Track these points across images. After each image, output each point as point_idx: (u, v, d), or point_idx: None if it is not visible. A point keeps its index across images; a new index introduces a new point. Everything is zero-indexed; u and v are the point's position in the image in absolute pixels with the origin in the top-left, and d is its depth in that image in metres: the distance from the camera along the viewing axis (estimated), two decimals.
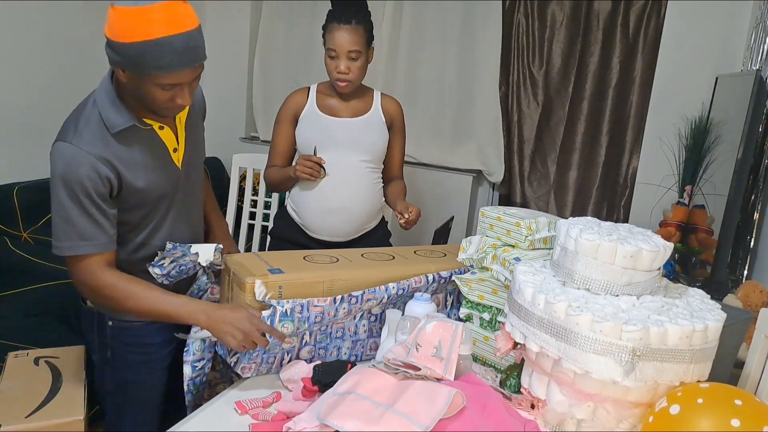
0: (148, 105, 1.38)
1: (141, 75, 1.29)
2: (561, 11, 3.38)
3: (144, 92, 1.33)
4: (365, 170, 2.12)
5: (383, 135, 2.14)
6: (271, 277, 1.44)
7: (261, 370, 1.47)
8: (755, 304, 2.02)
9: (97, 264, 1.39)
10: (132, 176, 1.41)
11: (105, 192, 1.36)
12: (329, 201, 2.09)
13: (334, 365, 1.38)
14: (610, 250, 1.20)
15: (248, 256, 1.60)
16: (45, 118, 2.81)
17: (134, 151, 1.41)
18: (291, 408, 1.31)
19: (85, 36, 2.94)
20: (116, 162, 1.37)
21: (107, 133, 1.37)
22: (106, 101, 1.38)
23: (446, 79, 3.58)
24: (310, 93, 2.13)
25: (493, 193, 3.73)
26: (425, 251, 1.80)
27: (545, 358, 1.23)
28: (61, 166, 1.33)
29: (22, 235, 2.52)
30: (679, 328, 1.11)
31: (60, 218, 1.36)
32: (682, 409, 1.03)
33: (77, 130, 1.35)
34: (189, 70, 1.32)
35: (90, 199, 1.34)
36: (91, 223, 1.36)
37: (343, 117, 2.10)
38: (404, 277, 1.59)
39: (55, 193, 1.35)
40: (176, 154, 1.52)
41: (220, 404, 1.35)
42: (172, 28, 1.25)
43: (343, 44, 1.97)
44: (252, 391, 1.40)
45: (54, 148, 1.36)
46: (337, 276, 1.52)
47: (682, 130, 3.05)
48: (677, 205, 2.94)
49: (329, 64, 2.01)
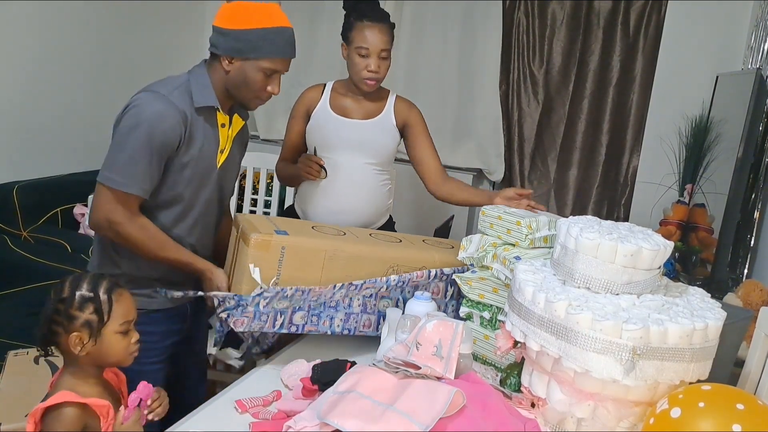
0: (243, 91, 1.55)
1: (248, 60, 1.50)
2: (561, 10, 3.38)
3: (245, 77, 1.52)
4: (371, 172, 2.11)
5: (392, 138, 2.12)
6: (276, 237, 1.48)
7: (253, 326, 1.49)
8: (755, 302, 2.02)
9: (133, 204, 1.48)
10: (194, 143, 1.53)
11: (173, 146, 1.49)
12: (335, 202, 2.09)
13: (332, 365, 1.38)
14: (610, 248, 1.20)
15: (258, 216, 1.66)
16: (45, 118, 2.82)
17: (200, 129, 1.55)
18: (291, 407, 1.31)
19: (85, 36, 2.94)
20: (191, 126, 1.52)
21: (192, 103, 1.52)
22: (199, 82, 1.55)
23: (446, 79, 3.58)
24: (325, 90, 2.11)
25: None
26: (433, 241, 1.82)
27: (545, 357, 1.23)
28: (149, 111, 1.45)
29: (22, 234, 2.51)
30: (679, 327, 1.11)
31: (124, 154, 1.45)
32: (683, 412, 1.03)
33: (170, 90, 1.50)
34: (288, 60, 1.56)
35: (161, 148, 1.47)
36: (148, 169, 1.46)
37: (354, 118, 2.09)
38: (408, 260, 1.62)
39: (130, 133, 1.45)
40: (221, 155, 1.63)
41: (220, 403, 1.35)
42: (284, 22, 1.52)
43: (377, 43, 1.94)
44: (252, 390, 1.40)
45: (142, 95, 1.48)
46: (340, 247, 1.55)
47: (682, 128, 3.05)
48: (677, 204, 2.94)
49: (358, 63, 1.97)
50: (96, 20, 2.97)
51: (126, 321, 1.29)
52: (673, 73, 3.11)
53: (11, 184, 2.54)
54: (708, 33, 3.02)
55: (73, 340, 1.22)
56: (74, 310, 1.23)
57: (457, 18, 3.49)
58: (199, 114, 1.54)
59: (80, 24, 2.90)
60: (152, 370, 1.64)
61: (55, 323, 1.23)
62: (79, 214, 2.69)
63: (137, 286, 1.58)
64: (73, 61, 2.91)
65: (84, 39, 2.93)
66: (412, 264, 1.65)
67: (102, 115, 3.03)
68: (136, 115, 1.45)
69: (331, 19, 3.67)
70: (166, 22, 3.46)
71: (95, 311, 1.24)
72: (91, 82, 3.02)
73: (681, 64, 3.09)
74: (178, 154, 1.51)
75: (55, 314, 1.23)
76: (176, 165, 1.53)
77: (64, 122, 2.92)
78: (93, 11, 2.93)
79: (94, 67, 3.03)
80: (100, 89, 3.06)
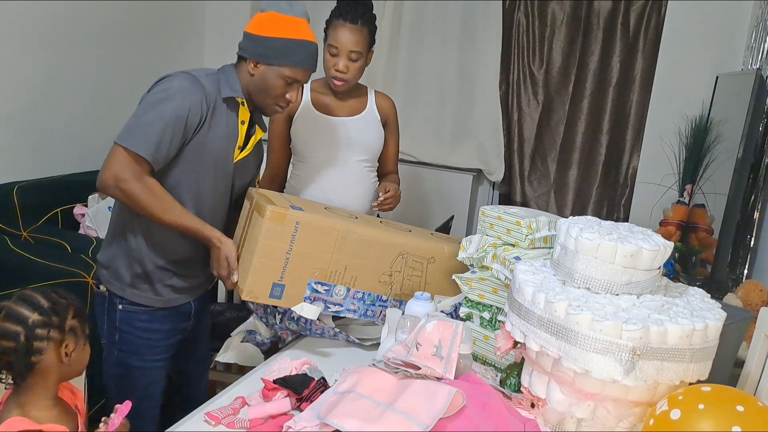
0: (263, 95, 1.63)
1: (272, 66, 1.59)
2: (561, 10, 3.38)
3: (266, 82, 1.61)
4: (363, 169, 2.11)
5: (379, 133, 2.13)
6: (291, 212, 1.50)
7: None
8: (755, 303, 2.02)
9: (143, 168, 1.49)
10: (213, 128, 1.58)
11: (194, 123, 1.53)
12: (328, 200, 2.09)
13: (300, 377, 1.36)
14: (610, 249, 1.20)
15: (273, 192, 1.70)
16: (45, 118, 2.82)
17: (223, 118, 1.61)
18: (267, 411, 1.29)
19: (85, 37, 2.93)
20: (214, 111, 1.58)
21: (219, 90, 1.60)
22: (228, 77, 1.63)
23: (446, 79, 3.58)
24: (303, 91, 2.11)
25: (493, 192, 3.72)
26: (440, 235, 1.84)
27: (545, 357, 1.23)
28: (177, 84, 1.52)
29: (22, 234, 2.51)
30: (679, 327, 1.11)
31: (143, 119, 1.49)
32: (683, 414, 1.03)
33: (201, 74, 1.58)
34: (309, 71, 1.64)
35: (183, 121, 1.51)
36: (163, 137, 1.49)
37: (339, 116, 2.09)
38: (418, 248, 1.66)
39: (156, 102, 1.50)
40: (238, 151, 1.66)
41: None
42: (309, 36, 1.61)
43: (346, 43, 1.95)
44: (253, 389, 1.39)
45: (174, 74, 1.55)
46: (353, 229, 1.58)
47: (682, 129, 3.05)
48: (677, 204, 2.94)
49: (328, 61, 2.00)
50: (97, 22, 2.97)
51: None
52: (673, 73, 3.11)
53: (11, 184, 2.54)
54: (708, 33, 3.02)
55: (63, 351, 1.19)
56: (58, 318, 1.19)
57: (456, 18, 3.49)
58: (226, 103, 1.60)
59: (81, 25, 2.90)
60: (155, 368, 1.67)
61: (39, 339, 1.17)
62: (79, 215, 2.69)
63: (144, 282, 1.60)
64: (74, 62, 2.91)
65: (84, 40, 2.93)
66: (421, 253, 1.67)
67: (102, 116, 3.04)
68: (163, 88, 1.51)
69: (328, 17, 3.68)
70: (167, 24, 3.45)
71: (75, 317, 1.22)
72: (92, 83, 3.02)
73: (681, 64, 3.09)
74: (199, 134, 1.55)
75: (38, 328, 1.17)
76: (196, 146, 1.56)
77: (64, 122, 2.91)
78: (94, 13, 2.93)
79: (95, 68, 3.03)
80: (101, 90, 3.06)
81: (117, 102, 3.04)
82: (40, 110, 2.79)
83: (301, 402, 1.29)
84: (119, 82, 3.11)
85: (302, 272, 1.54)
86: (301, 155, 2.11)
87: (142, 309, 1.63)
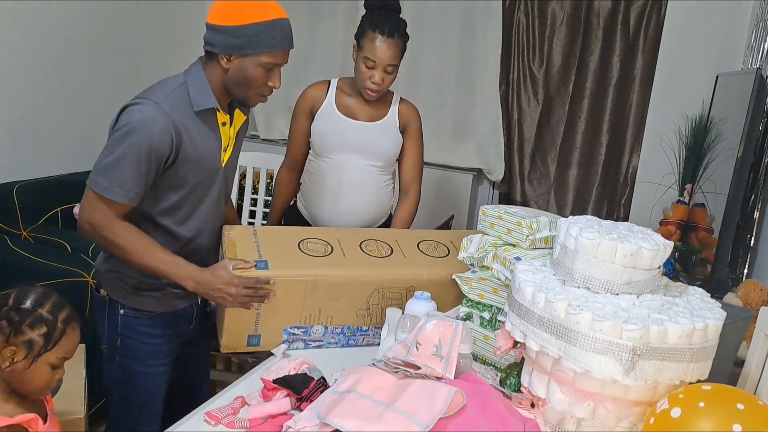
0: (244, 89, 1.52)
1: (247, 56, 1.46)
2: (561, 10, 3.37)
3: (245, 75, 1.49)
4: (375, 173, 2.12)
5: (396, 141, 2.13)
6: (254, 272, 1.50)
7: None
8: (755, 302, 2.02)
9: (117, 212, 1.45)
10: (191, 151, 1.50)
11: (164, 155, 1.46)
12: (339, 202, 2.10)
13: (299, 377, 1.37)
14: (610, 248, 1.20)
15: (245, 234, 1.64)
16: (45, 118, 2.82)
17: (202, 132, 1.53)
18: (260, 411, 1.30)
19: (85, 36, 2.93)
20: (185, 134, 1.48)
21: (190, 108, 1.50)
22: (196, 83, 1.51)
23: (446, 78, 3.58)
24: (329, 88, 2.10)
25: (493, 191, 3.72)
26: (430, 246, 1.78)
27: (545, 357, 1.23)
28: (138, 117, 1.42)
29: (22, 234, 2.51)
30: (679, 326, 1.11)
31: (111, 159, 1.43)
32: (683, 412, 1.03)
33: (163, 96, 1.47)
34: (287, 51, 1.52)
35: (149, 155, 1.43)
36: (134, 175, 1.43)
37: (360, 120, 2.08)
38: (394, 281, 1.63)
39: (120, 138, 1.43)
40: (224, 153, 1.62)
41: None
42: (280, 13, 1.48)
43: (384, 57, 1.94)
44: (253, 389, 1.39)
45: (133, 105, 1.45)
46: (323, 273, 1.56)
47: (682, 128, 3.05)
48: (677, 204, 2.94)
49: (363, 72, 1.98)
50: (96, 20, 2.97)
51: (64, 357, 1.25)
52: (673, 72, 3.11)
53: (11, 184, 2.54)
54: (708, 33, 3.02)
55: (6, 353, 1.17)
56: (25, 325, 1.18)
57: (457, 18, 3.49)
58: (201, 116, 1.52)
59: (80, 24, 2.90)
60: (158, 372, 1.65)
61: None
62: None
63: (146, 288, 1.59)
64: (73, 61, 2.91)
65: (84, 39, 2.93)
66: (398, 284, 1.65)
67: (102, 115, 3.03)
68: (124, 123, 1.43)
69: (330, 17, 3.68)
70: (166, 22, 3.46)
71: (44, 335, 1.20)
72: (91, 82, 3.02)
73: (681, 64, 3.09)
74: (176, 162, 1.49)
75: (4, 320, 1.17)
76: (177, 172, 1.50)
77: (64, 122, 2.92)
78: (93, 11, 2.93)
79: (94, 67, 3.03)
80: (101, 89, 3.06)
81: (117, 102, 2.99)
82: (40, 110, 2.79)
83: (301, 402, 1.30)
84: (119, 82, 3.11)
85: (276, 322, 1.56)
86: (316, 152, 2.12)
87: (144, 314, 1.60)
